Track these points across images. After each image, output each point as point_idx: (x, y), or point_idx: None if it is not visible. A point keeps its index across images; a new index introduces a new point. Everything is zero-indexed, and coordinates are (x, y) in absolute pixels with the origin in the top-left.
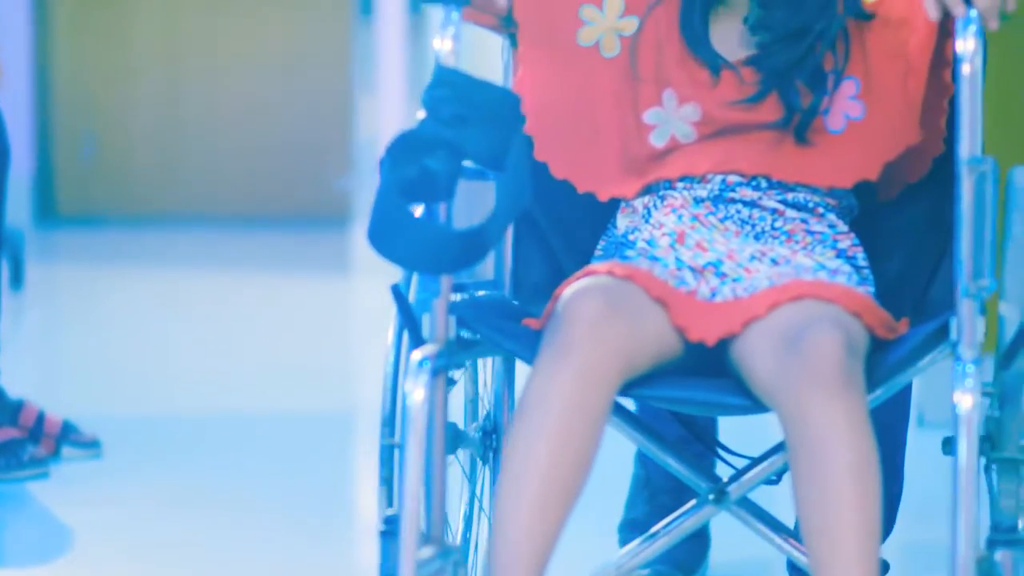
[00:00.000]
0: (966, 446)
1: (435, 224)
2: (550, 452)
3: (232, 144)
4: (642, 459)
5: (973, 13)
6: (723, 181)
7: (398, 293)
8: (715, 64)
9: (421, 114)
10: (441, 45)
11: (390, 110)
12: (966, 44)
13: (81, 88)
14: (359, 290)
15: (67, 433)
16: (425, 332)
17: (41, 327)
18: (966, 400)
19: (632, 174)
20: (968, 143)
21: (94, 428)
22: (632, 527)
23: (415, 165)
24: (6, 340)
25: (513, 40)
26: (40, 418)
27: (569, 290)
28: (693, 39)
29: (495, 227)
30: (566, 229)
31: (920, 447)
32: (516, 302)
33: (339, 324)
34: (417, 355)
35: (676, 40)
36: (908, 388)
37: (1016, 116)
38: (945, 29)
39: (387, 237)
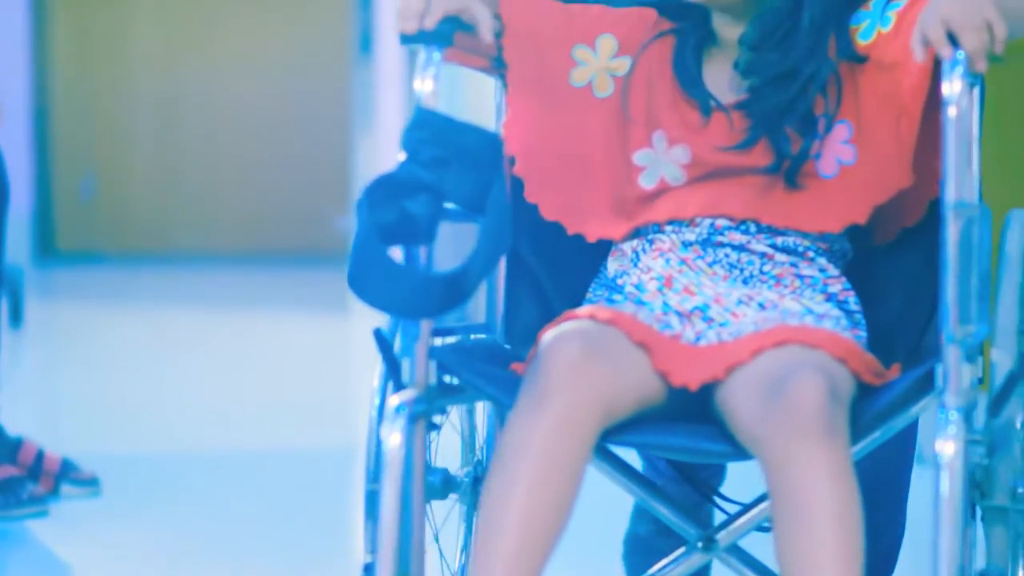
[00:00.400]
0: (949, 494)
1: (414, 268)
2: (527, 500)
3: (232, 182)
4: (651, 465)
5: (960, 55)
6: (712, 225)
7: (380, 337)
8: (706, 104)
9: (401, 156)
10: (422, 86)
11: (389, 149)
12: (952, 86)
13: (80, 126)
14: (358, 328)
15: (66, 471)
16: (406, 377)
17: (40, 364)
18: (948, 448)
19: (621, 216)
20: (954, 187)
21: (93, 466)
22: (635, 542)
23: (394, 208)
24: (5, 378)
25: (504, 81)
26: (39, 456)
27: (549, 335)
28: (686, 78)
29: (476, 271)
30: (558, 272)
31: (920, 485)
32: (508, 346)
33: (338, 361)
34: (394, 400)
35: (668, 81)
36: (913, 428)
37: (1015, 158)
38: (940, 71)
39: (366, 281)
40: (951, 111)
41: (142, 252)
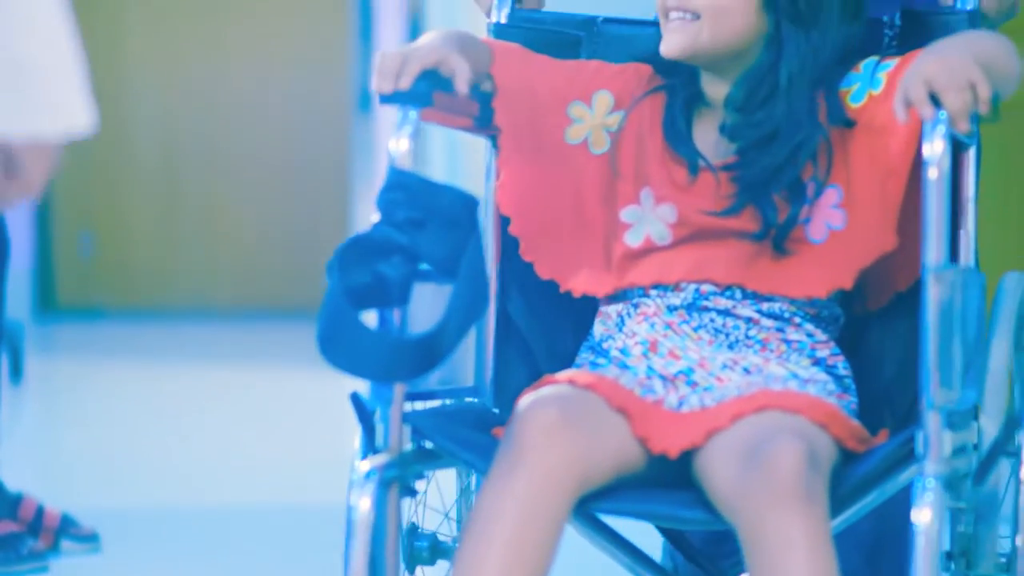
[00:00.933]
0: (923, 564)
1: (385, 332)
2: (500, 565)
3: (231, 237)
4: (671, 553)
5: (942, 115)
6: (696, 290)
7: (357, 401)
8: (694, 163)
9: (375, 217)
10: (396, 146)
11: None
12: (933, 147)
13: (80, 181)
14: (358, 384)
15: (66, 527)
16: (380, 441)
17: (40, 420)
18: (923, 516)
19: (608, 272)
20: (935, 250)
21: (93, 522)
22: None
23: (367, 270)
24: (5, 433)
25: (494, 141)
26: (39, 512)
27: (526, 399)
28: (674, 135)
29: (450, 333)
30: (547, 335)
31: None
32: (496, 410)
33: (338, 417)
34: (365, 466)
35: (658, 137)
36: None
37: (1016, 218)
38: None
39: (335, 345)
40: (932, 172)
41: (142, 307)
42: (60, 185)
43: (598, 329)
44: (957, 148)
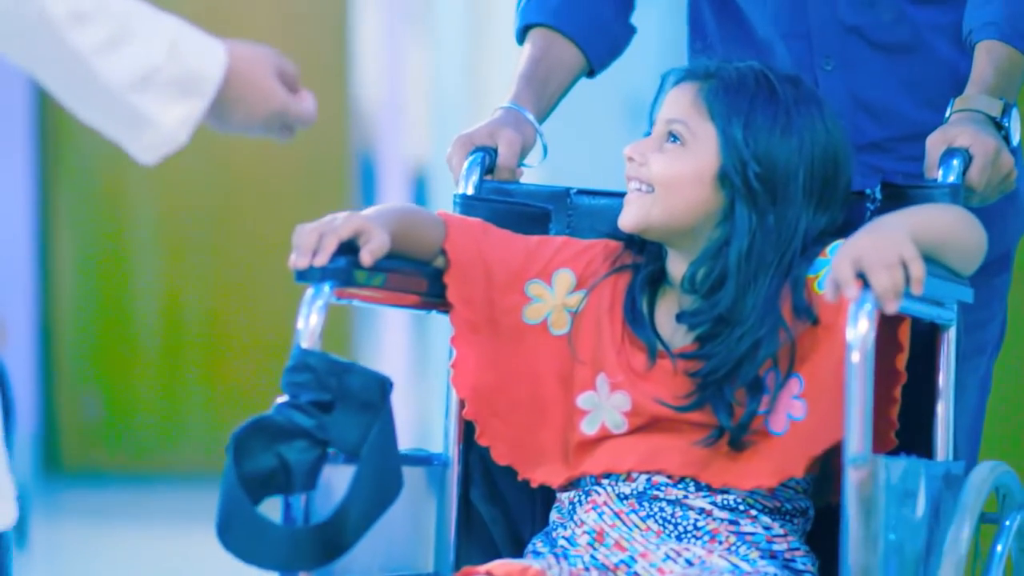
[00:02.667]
0: None
1: (284, 520)
2: None
3: (235, 401)
4: None
5: (867, 295)
6: (648, 480)
7: None
8: (653, 347)
9: (281, 398)
10: (304, 324)
11: (393, 356)
12: (857, 329)
13: (83, 343)
14: None
15: None
16: None
17: None
18: None
19: (564, 461)
20: (856, 439)
21: None
22: None
23: (269, 455)
24: None
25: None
26: None
27: None
28: (633, 318)
29: (354, 521)
30: (508, 521)
31: None
32: None
33: None
34: None
35: (618, 319)
36: None
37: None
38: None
39: (232, 534)
40: (854, 356)
41: (147, 470)
42: (63, 348)
43: (553, 516)
44: (937, 330)
